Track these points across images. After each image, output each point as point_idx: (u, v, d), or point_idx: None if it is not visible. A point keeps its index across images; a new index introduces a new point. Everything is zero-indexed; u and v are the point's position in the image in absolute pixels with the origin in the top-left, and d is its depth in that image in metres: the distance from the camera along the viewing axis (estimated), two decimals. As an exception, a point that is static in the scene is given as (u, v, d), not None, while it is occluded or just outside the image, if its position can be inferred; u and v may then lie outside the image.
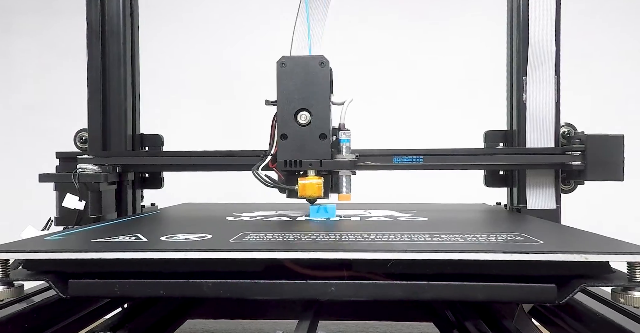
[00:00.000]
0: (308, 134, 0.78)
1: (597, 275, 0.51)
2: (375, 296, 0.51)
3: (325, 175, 0.79)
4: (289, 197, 0.80)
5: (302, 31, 0.84)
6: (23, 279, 0.53)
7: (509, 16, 0.99)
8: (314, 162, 0.78)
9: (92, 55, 0.96)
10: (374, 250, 0.50)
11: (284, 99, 0.78)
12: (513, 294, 0.50)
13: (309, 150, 0.78)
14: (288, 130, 0.78)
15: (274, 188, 0.80)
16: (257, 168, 0.79)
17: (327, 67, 0.78)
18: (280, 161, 0.78)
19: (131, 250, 0.51)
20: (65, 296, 0.52)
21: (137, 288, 0.51)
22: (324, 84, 0.78)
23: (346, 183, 0.80)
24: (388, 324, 1.08)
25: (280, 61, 0.78)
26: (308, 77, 0.78)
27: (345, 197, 0.80)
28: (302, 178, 0.78)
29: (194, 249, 0.50)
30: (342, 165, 0.79)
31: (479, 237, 0.57)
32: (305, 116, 0.78)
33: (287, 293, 0.51)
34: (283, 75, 0.78)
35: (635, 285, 0.48)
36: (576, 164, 0.86)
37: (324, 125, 0.78)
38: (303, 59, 0.79)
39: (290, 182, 0.79)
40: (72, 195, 0.90)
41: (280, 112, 0.79)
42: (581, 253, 0.48)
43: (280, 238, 0.57)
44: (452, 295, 0.50)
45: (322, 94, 0.78)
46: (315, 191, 0.77)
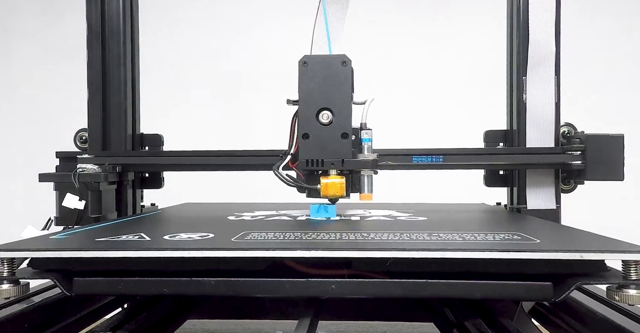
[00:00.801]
0: (330, 134, 0.78)
1: (593, 273, 0.52)
2: (375, 294, 0.53)
3: (347, 174, 0.80)
4: (308, 196, 0.81)
5: (321, 30, 0.85)
6: (29, 277, 0.54)
7: (509, 16, 0.99)
8: (336, 162, 0.78)
9: (92, 56, 0.97)
10: (373, 249, 0.52)
11: (305, 98, 0.79)
12: (510, 292, 0.52)
13: (330, 150, 0.78)
14: (310, 129, 0.79)
15: (295, 187, 0.81)
16: (278, 168, 0.80)
17: (349, 66, 0.79)
18: (302, 160, 0.79)
19: (135, 248, 0.53)
20: (70, 294, 0.53)
21: (141, 286, 0.53)
22: (346, 83, 0.78)
23: (368, 183, 0.80)
24: (388, 324, 1.09)
25: (302, 60, 0.79)
26: (330, 76, 0.78)
27: (367, 196, 0.80)
28: (325, 178, 0.78)
29: (197, 248, 0.52)
30: (364, 165, 0.79)
31: (477, 236, 0.59)
32: (327, 115, 0.78)
33: (289, 291, 0.52)
34: (305, 74, 0.79)
35: (630, 283, 0.50)
36: (576, 164, 0.87)
37: (345, 125, 0.78)
38: (325, 58, 0.80)
39: (310, 182, 0.80)
40: (72, 195, 0.91)
41: (302, 112, 0.79)
42: (577, 252, 0.50)
43: (281, 237, 0.59)
44: (450, 292, 0.52)
45: (343, 93, 0.78)
46: (338, 190, 0.78)
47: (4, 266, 0.53)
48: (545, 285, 0.51)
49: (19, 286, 0.54)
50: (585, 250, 0.51)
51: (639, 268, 0.50)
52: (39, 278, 0.55)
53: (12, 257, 0.53)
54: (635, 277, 0.50)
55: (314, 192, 0.79)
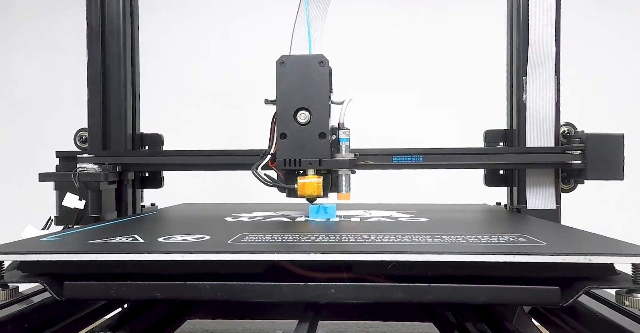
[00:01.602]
0: (307, 133, 0.77)
1: (601, 277, 0.49)
2: (376, 298, 0.50)
3: (325, 174, 0.79)
4: (288, 196, 0.80)
5: (301, 30, 0.83)
6: (18, 281, 0.52)
7: (509, 16, 0.98)
8: (314, 161, 0.77)
9: (92, 55, 0.96)
10: (374, 252, 0.49)
11: (283, 98, 0.78)
12: (516, 297, 0.49)
13: (308, 150, 0.77)
14: (287, 129, 0.77)
15: (273, 187, 0.79)
16: (257, 168, 0.79)
17: (327, 66, 0.77)
18: (280, 160, 0.77)
19: (127, 251, 0.50)
20: (61, 298, 0.50)
21: (134, 290, 0.50)
22: (324, 83, 0.77)
23: (345, 183, 0.79)
24: (388, 324, 1.08)
25: (280, 60, 0.78)
26: (307, 76, 0.77)
27: (345, 196, 0.79)
28: (302, 178, 0.77)
29: (192, 251, 0.49)
30: (342, 164, 0.78)
31: (481, 238, 0.56)
32: (304, 115, 0.77)
33: (286, 295, 0.49)
34: (282, 74, 0.78)
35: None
36: (576, 163, 0.86)
37: (323, 125, 0.77)
38: (302, 58, 0.78)
39: (290, 181, 0.78)
40: (72, 195, 0.89)
41: (280, 111, 0.78)
42: (585, 255, 0.47)
43: (279, 239, 0.56)
44: (454, 297, 0.49)
45: (321, 93, 0.77)
46: (315, 190, 0.77)
47: (-9, 269, 0.50)
48: (553, 290, 0.48)
49: (8, 290, 0.51)
50: (594, 253, 0.48)
51: (649, 272, 0.47)
52: (28, 282, 0.53)
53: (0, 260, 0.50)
54: (646, 281, 0.47)
55: (292, 192, 0.78)
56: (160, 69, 1.47)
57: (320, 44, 0.83)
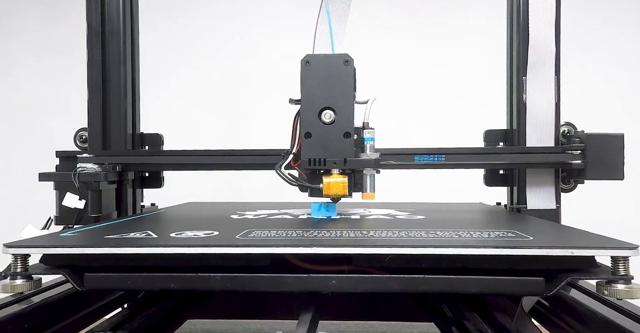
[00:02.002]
0: (332, 133, 0.80)
1: (583, 269, 0.56)
2: (374, 289, 0.57)
3: (349, 173, 0.82)
4: (311, 195, 0.83)
5: (323, 29, 0.87)
6: (41, 273, 0.59)
7: (509, 16, 1.03)
8: (338, 161, 0.80)
9: (92, 55, 1.00)
10: (372, 246, 0.56)
11: (308, 97, 0.81)
12: (504, 287, 0.56)
13: (333, 149, 0.80)
14: (312, 128, 0.81)
15: (297, 186, 0.83)
16: (280, 167, 0.82)
17: (352, 66, 0.81)
18: (304, 160, 0.81)
19: (144, 245, 0.57)
20: (82, 289, 0.57)
21: (149, 281, 0.57)
22: (348, 83, 0.81)
23: (370, 182, 0.82)
24: (388, 324, 1.12)
25: (305, 59, 0.81)
26: (332, 75, 0.81)
27: (369, 196, 0.82)
28: (327, 177, 0.80)
29: (203, 244, 0.56)
30: (367, 164, 0.81)
31: (473, 233, 0.63)
32: (329, 115, 0.80)
33: (291, 286, 0.56)
34: (307, 73, 0.81)
35: (618, 278, 0.54)
36: (576, 163, 0.90)
37: (348, 124, 0.81)
38: (327, 58, 0.82)
39: (313, 181, 0.82)
40: (72, 194, 0.93)
41: (304, 111, 0.81)
42: (567, 249, 0.54)
43: (283, 234, 0.63)
44: (446, 288, 0.56)
45: (346, 93, 0.81)
46: (341, 190, 0.80)
47: (17, 262, 0.58)
48: (537, 280, 0.55)
49: (32, 281, 0.58)
50: (576, 246, 0.55)
51: (627, 264, 0.54)
52: (51, 274, 0.59)
53: (25, 254, 0.58)
54: (624, 272, 0.54)
55: (316, 192, 0.81)
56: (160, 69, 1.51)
57: (342, 44, 0.87)
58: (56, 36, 1.72)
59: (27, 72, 1.75)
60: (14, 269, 0.58)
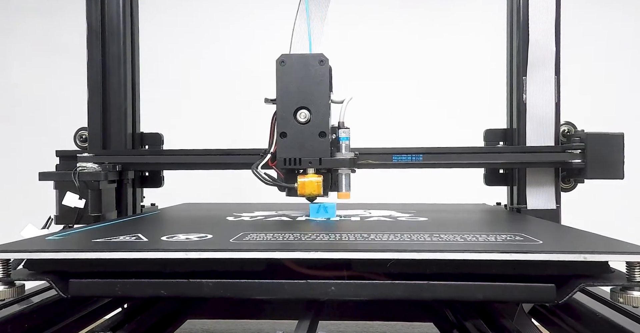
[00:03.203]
0: (307, 132, 0.78)
1: (596, 275, 0.51)
2: (375, 296, 0.51)
3: (325, 173, 0.80)
4: (288, 195, 0.81)
5: (301, 29, 0.85)
6: (24, 279, 0.53)
7: (509, 16, 0.99)
8: (314, 160, 0.78)
9: (92, 55, 0.97)
10: (373, 250, 0.50)
11: (283, 97, 0.79)
12: (512, 294, 0.50)
13: (308, 149, 0.78)
14: (287, 128, 0.79)
15: (273, 186, 0.80)
16: (257, 167, 0.80)
17: (327, 65, 0.78)
18: (280, 159, 0.79)
19: (132, 250, 0.51)
20: (66, 296, 0.52)
21: (138, 288, 0.52)
22: (324, 82, 0.78)
23: (345, 182, 0.80)
24: (388, 324, 1.08)
25: (280, 59, 0.79)
26: (307, 75, 0.78)
27: (345, 195, 0.80)
28: (302, 177, 0.78)
29: (195, 249, 0.51)
30: (342, 163, 0.79)
31: (479, 237, 0.58)
32: (304, 114, 0.78)
33: (288, 293, 0.51)
34: (282, 73, 0.79)
35: (634, 284, 0.49)
36: (576, 162, 0.87)
37: (323, 124, 0.78)
38: (302, 57, 0.79)
39: (290, 181, 0.79)
40: (72, 194, 0.90)
41: (280, 111, 0.79)
42: (580, 253, 0.49)
43: (280, 238, 0.58)
44: (452, 294, 0.51)
45: (321, 92, 0.78)
46: (315, 189, 0.78)
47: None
48: (548, 287, 0.50)
49: (14, 287, 0.53)
50: (589, 251, 0.49)
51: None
52: (35, 280, 0.54)
53: (6, 258, 0.52)
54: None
55: (292, 191, 0.79)
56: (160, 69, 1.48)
57: (320, 43, 0.84)
58: (56, 35, 1.68)
59: (27, 71, 1.71)
60: (-5, 275, 0.52)
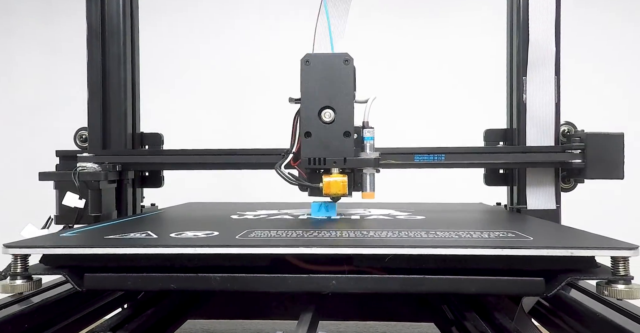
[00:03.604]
0: (332, 132, 0.80)
1: (583, 269, 0.56)
2: (374, 289, 0.57)
3: (349, 173, 0.81)
4: (310, 195, 0.83)
5: (323, 28, 0.86)
6: (41, 273, 0.58)
7: (509, 16, 1.02)
8: (338, 160, 0.80)
9: (92, 55, 1.00)
10: (372, 246, 0.56)
11: (307, 96, 0.81)
12: (504, 287, 0.56)
13: (333, 148, 0.80)
14: (312, 128, 0.80)
15: (297, 185, 0.82)
16: (280, 166, 0.82)
17: (351, 65, 0.81)
18: (304, 159, 0.80)
19: (144, 245, 0.57)
20: (82, 289, 0.57)
21: (149, 281, 0.57)
22: (348, 82, 0.80)
23: (370, 182, 0.82)
24: (388, 324, 1.11)
25: (305, 59, 0.81)
26: (332, 74, 0.80)
27: (369, 195, 0.82)
28: (327, 176, 0.80)
29: (203, 245, 0.56)
30: (367, 163, 0.81)
31: (473, 233, 0.63)
32: (329, 114, 0.80)
33: (291, 286, 0.56)
34: (307, 72, 0.81)
35: (618, 278, 0.54)
36: (576, 162, 0.90)
37: (348, 123, 0.80)
38: (327, 57, 0.81)
39: (313, 180, 0.81)
40: (72, 194, 0.93)
41: (304, 110, 0.81)
42: (567, 249, 0.54)
43: (283, 235, 0.63)
44: (446, 288, 0.56)
45: (346, 92, 0.80)
46: (340, 189, 0.79)
47: (17, 262, 0.58)
48: (537, 281, 0.55)
49: (32, 282, 0.58)
50: (576, 247, 0.55)
51: (627, 264, 0.54)
52: (51, 274, 0.59)
53: (26, 254, 0.57)
54: (624, 272, 0.54)
55: (316, 191, 0.81)
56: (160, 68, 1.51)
57: (340, 42, 0.87)
58: (56, 35, 1.72)
59: (27, 71, 1.74)
60: (14, 269, 0.58)
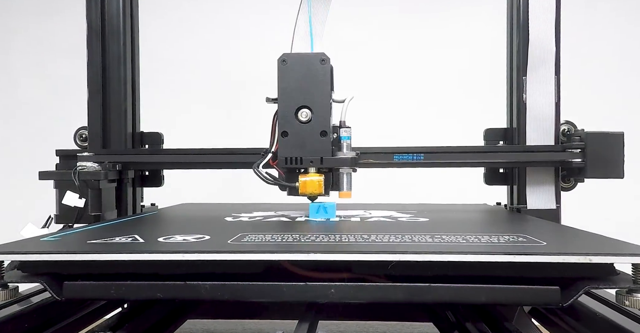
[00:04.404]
0: (309, 132, 0.77)
1: (601, 277, 0.49)
2: (376, 298, 0.49)
3: (326, 172, 0.79)
4: (289, 194, 0.80)
5: (303, 28, 0.84)
6: (17, 281, 0.52)
7: (509, 16, 0.98)
8: (315, 160, 0.77)
9: (92, 55, 0.96)
10: (374, 252, 0.49)
11: (284, 96, 0.78)
12: (516, 296, 0.49)
13: (309, 148, 0.77)
14: (289, 127, 0.78)
15: (275, 185, 0.79)
16: (258, 166, 0.79)
17: (328, 65, 0.77)
18: (281, 158, 0.78)
19: (127, 251, 0.50)
20: (60, 298, 0.51)
21: (134, 290, 0.50)
22: (325, 81, 0.77)
23: (347, 181, 0.79)
24: (388, 324, 1.07)
25: (281, 58, 0.78)
26: (309, 74, 0.77)
27: (346, 194, 0.79)
28: (303, 176, 0.77)
29: (191, 251, 0.49)
30: (343, 163, 0.78)
31: (481, 238, 0.56)
32: (306, 113, 0.77)
33: (286, 295, 0.49)
34: (284, 72, 0.78)
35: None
36: (576, 162, 0.86)
37: (324, 123, 0.77)
38: (304, 56, 0.78)
39: (291, 180, 0.78)
40: (72, 193, 0.89)
41: (281, 110, 0.78)
42: (585, 255, 0.47)
43: (279, 239, 0.56)
44: (454, 297, 0.49)
45: (322, 91, 0.77)
46: (316, 188, 0.77)
47: (-8, 269, 0.51)
48: (553, 290, 0.48)
49: (7, 290, 0.51)
50: (594, 253, 0.47)
51: (649, 272, 0.47)
52: (28, 282, 0.52)
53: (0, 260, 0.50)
54: (646, 281, 0.47)
55: (293, 190, 0.78)
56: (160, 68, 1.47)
57: (321, 42, 0.84)
58: (56, 35, 1.67)
59: (27, 71, 1.70)
60: (-13, 277, 0.51)
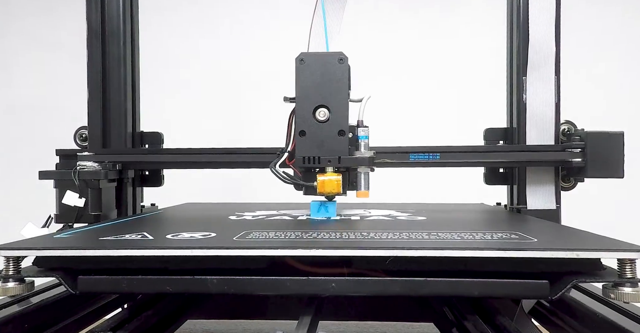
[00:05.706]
0: (326, 131, 0.79)
1: (589, 271, 0.54)
2: (374, 292, 0.54)
3: (343, 172, 0.80)
4: (305, 194, 0.81)
5: (319, 27, 0.85)
6: (34, 276, 0.56)
7: (509, 16, 1.00)
8: (333, 159, 0.79)
9: (92, 55, 0.98)
10: (373, 248, 0.53)
11: (302, 95, 0.80)
12: (507, 290, 0.53)
13: (327, 147, 0.79)
14: (306, 126, 0.79)
15: (292, 184, 0.81)
16: (275, 165, 0.81)
17: (346, 64, 0.79)
18: (299, 158, 0.79)
19: (139, 247, 0.54)
20: (75, 292, 0.55)
21: (144, 284, 0.54)
22: (343, 80, 0.79)
23: (364, 180, 0.81)
24: (388, 324, 1.10)
25: (299, 57, 0.80)
26: (327, 73, 0.79)
27: (364, 194, 0.81)
28: (321, 175, 0.79)
29: (200, 247, 0.54)
30: (361, 162, 0.80)
31: (475, 235, 0.60)
32: (323, 113, 0.79)
33: (290, 289, 0.54)
34: (302, 71, 0.80)
35: (625, 281, 0.52)
36: (576, 161, 0.88)
37: (342, 122, 0.79)
38: (322, 55, 0.80)
39: (307, 179, 0.80)
40: (72, 193, 0.91)
41: (299, 109, 0.80)
42: (573, 251, 0.52)
43: (282, 236, 0.60)
44: (449, 290, 0.54)
45: (340, 91, 0.79)
46: (335, 188, 0.79)
47: (9, 264, 0.55)
48: (542, 283, 0.53)
49: (24, 284, 0.56)
50: (581, 248, 0.52)
51: (634, 266, 0.52)
52: (44, 277, 0.57)
53: (18, 256, 0.55)
54: (631, 275, 0.52)
55: (310, 190, 0.80)
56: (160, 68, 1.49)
57: (336, 41, 0.85)
58: (56, 35, 1.70)
59: (27, 71, 1.72)
60: (6, 272, 0.55)
